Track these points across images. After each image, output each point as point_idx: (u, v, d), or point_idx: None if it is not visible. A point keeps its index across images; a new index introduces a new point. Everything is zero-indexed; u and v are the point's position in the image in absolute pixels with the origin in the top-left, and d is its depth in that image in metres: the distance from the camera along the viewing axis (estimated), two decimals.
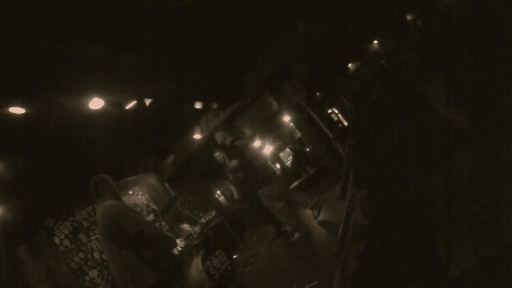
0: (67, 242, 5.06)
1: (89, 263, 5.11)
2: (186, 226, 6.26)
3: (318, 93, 8.06)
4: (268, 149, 11.04)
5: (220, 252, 4.71)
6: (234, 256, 6.02)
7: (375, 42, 9.43)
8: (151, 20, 3.43)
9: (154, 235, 2.72)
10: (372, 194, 2.60)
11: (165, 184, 7.68)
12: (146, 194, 7.06)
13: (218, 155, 5.53)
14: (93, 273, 5.06)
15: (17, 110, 3.04)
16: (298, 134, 10.14)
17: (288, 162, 11.33)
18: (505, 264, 1.77)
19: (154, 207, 6.83)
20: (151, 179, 7.52)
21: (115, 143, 4.92)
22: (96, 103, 3.68)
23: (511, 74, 3.14)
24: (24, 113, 3.09)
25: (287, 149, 11.54)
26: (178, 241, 5.36)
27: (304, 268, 3.68)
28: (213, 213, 7.55)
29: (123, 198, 5.71)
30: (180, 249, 5.16)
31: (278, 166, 11.10)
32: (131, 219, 2.64)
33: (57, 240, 4.97)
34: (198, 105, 5.60)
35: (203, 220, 6.75)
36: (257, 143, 10.79)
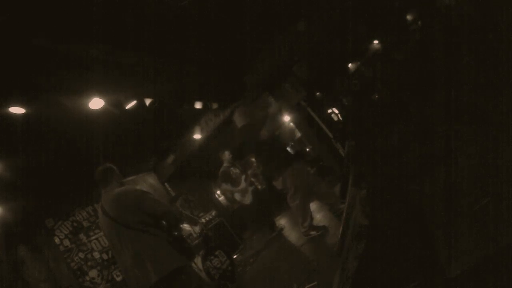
0: (67, 242, 5.06)
1: (89, 263, 5.11)
2: (186, 226, 6.26)
3: (318, 93, 8.05)
4: None
5: (220, 252, 4.71)
6: (234, 256, 6.01)
7: (375, 42, 9.43)
8: (151, 20, 3.43)
9: (178, 215, 2.70)
10: (372, 194, 2.60)
11: (165, 184, 7.67)
12: None
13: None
14: (93, 273, 5.06)
15: (17, 110, 3.05)
16: (298, 134, 10.13)
17: None
18: (505, 264, 1.77)
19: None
20: (151, 179, 7.51)
21: (115, 143, 4.91)
22: (96, 103, 3.68)
23: (511, 74, 3.14)
24: (24, 113, 3.09)
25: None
26: None
27: (304, 268, 3.68)
28: (213, 213, 7.55)
29: None
30: None
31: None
32: (155, 201, 2.60)
33: (57, 240, 4.97)
34: (198, 105, 5.60)
35: (203, 220, 6.75)
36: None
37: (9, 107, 2.98)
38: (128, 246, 2.47)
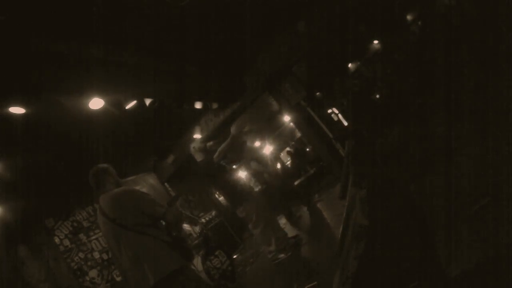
0: (67, 242, 5.06)
1: (89, 263, 5.11)
2: (186, 226, 6.27)
3: (318, 93, 8.06)
4: (268, 149, 11.08)
5: (220, 252, 4.70)
6: (234, 256, 6.02)
7: (375, 42, 9.43)
8: (151, 20, 3.43)
9: (177, 215, 2.67)
10: (372, 194, 2.60)
11: (165, 184, 7.68)
12: None
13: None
14: (93, 273, 5.06)
15: (17, 110, 3.04)
16: (298, 134, 10.14)
17: (288, 162, 11.35)
18: (505, 264, 1.77)
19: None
20: (151, 179, 7.51)
21: (115, 143, 4.91)
22: (96, 103, 3.67)
23: (511, 74, 3.14)
24: (24, 113, 3.08)
25: (287, 149, 11.55)
26: None
27: (304, 268, 3.68)
28: (213, 213, 7.55)
29: None
30: None
31: (278, 166, 11.13)
32: (154, 202, 2.56)
33: (57, 240, 4.97)
34: (198, 105, 5.60)
35: (203, 220, 6.76)
36: (257, 143, 10.82)
37: (9, 107, 2.97)
38: (126, 248, 2.44)
